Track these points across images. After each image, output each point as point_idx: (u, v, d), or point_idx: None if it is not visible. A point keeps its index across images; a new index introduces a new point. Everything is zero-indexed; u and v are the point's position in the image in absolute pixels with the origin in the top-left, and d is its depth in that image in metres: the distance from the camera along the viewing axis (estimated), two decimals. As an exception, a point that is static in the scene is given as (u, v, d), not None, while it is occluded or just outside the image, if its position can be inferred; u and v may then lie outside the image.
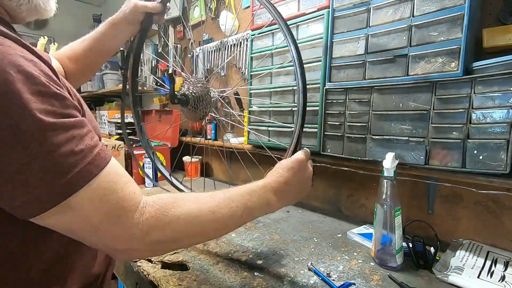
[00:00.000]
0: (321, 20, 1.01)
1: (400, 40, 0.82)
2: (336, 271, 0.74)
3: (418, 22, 0.78)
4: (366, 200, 1.10)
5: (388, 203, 0.75)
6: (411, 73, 0.80)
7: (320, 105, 1.02)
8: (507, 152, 0.66)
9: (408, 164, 0.83)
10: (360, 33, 0.90)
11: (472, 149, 0.71)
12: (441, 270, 0.72)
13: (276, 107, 1.19)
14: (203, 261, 0.78)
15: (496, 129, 0.68)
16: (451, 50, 0.73)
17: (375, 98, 0.88)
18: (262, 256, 0.81)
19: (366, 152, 0.91)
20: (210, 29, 1.81)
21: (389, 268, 0.75)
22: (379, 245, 0.77)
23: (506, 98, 0.66)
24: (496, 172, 0.69)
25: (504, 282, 0.67)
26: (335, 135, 0.99)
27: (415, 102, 0.80)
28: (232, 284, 0.68)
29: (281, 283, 0.68)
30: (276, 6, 1.17)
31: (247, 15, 1.52)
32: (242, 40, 1.55)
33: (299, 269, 0.75)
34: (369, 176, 1.01)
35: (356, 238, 0.92)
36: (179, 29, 2.07)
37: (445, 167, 0.76)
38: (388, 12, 0.84)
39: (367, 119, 0.90)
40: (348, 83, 0.94)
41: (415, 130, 0.80)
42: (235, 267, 0.75)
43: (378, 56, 0.86)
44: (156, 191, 1.50)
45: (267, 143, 1.20)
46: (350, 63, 0.93)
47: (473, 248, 0.81)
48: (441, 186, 0.90)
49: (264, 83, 1.24)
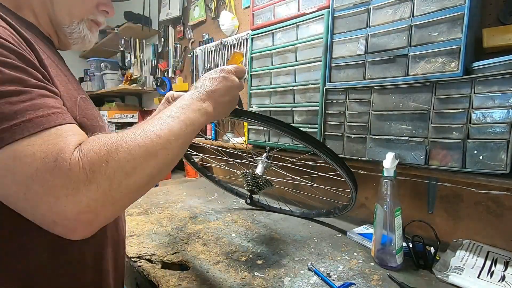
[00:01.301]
0: (321, 20, 1.01)
1: (400, 40, 0.82)
2: (336, 271, 0.74)
3: (418, 22, 0.78)
4: (366, 200, 1.10)
5: (388, 203, 0.75)
6: (411, 73, 0.80)
7: (320, 105, 1.02)
8: (507, 152, 0.66)
9: (408, 164, 0.83)
10: (360, 33, 0.90)
11: (472, 149, 0.71)
12: (441, 270, 0.72)
13: (276, 107, 1.19)
14: (203, 261, 0.78)
15: (496, 129, 0.68)
16: (451, 50, 0.73)
17: (375, 98, 0.88)
18: (262, 256, 0.81)
19: (366, 152, 0.91)
20: (210, 29, 1.81)
21: (389, 268, 0.75)
22: (379, 245, 0.77)
23: (506, 98, 0.66)
24: (496, 172, 0.69)
25: (504, 282, 0.67)
26: (335, 135, 0.99)
27: (415, 102, 0.80)
28: (232, 284, 0.68)
29: (281, 283, 0.68)
30: (276, 6, 1.18)
31: (247, 15, 1.52)
32: (242, 40, 1.55)
33: (299, 269, 0.75)
34: (369, 176, 1.01)
35: (356, 238, 0.92)
36: (179, 29, 2.07)
37: (445, 167, 0.76)
38: (388, 12, 0.84)
39: (367, 119, 0.90)
40: (348, 83, 0.94)
41: (415, 130, 0.80)
42: (235, 267, 0.75)
43: (378, 56, 0.86)
44: (155, 190, 1.50)
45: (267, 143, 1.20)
46: (350, 63, 0.93)
47: (473, 248, 0.81)
48: (441, 186, 0.90)
49: (264, 83, 1.24)
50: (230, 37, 1.62)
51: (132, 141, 0.38)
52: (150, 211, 1.17)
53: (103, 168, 0.34)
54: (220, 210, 1.20)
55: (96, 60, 2.72)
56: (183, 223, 1.05)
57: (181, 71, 2.12)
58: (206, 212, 1.17)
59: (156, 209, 1.19)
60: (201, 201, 1.32)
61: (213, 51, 1.76)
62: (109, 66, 2.68)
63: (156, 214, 1.13)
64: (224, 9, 1.65)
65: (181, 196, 1.41)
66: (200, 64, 1.86)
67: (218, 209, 1.21)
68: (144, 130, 0.40)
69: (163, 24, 2.22)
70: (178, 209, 1.20)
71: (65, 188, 0.32)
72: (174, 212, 1.16)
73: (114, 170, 0.35)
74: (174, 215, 1.13)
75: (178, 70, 2.13)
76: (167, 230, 0.98)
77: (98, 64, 2.70)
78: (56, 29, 0.52)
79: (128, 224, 1.02)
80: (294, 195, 1.20)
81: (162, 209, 1.19)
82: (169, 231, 0.97)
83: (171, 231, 0.97)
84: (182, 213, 1.15)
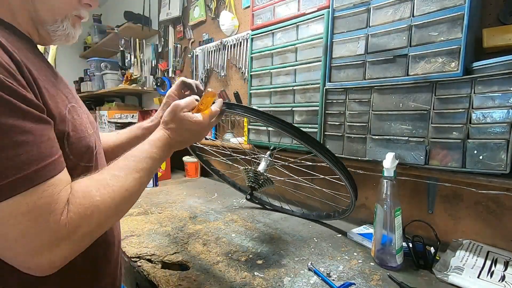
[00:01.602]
0: (321, 20, 1.01)
1: (400, 40, 0.82)
2: (336, 271, 0.74)
3: (418, 22, 0.78)
4: (366, 200, 1.10)
5: (388, 203, 0.75)
6: (411, 73, 0.80)
7: (320, 105, 1.02)
8: (507, 152, 0.66)
9: (408, 164, 0.83)
10: (360, 33, 0.90)
11: (472, 149, 0.71)
12: (441, 270, 0.72)
13: (276, 107, 1.19)
14: (203, 261, 0.78)
15: (496, 129, 0.68)
16: (451, 50, 0.73)
17: (375, 98, 0.88)
18: (262, 256, 0.81)
19: (366, 152, 0.91)
20: (210, 29, 1.81)
21: (389, 268, 0.75)
22: (379, 245, 0.77)
23: (506, 98, 0.66)
24: (496, 172, 0.69)
25: (504, 282, 0.67)
26: (335, 135, 0.99)
27: (415, 102, 0.80)
28: (232, 284, 0.68)
29: (281, 283, 0.68)
30: (276, 6, 1.18)
31: (247, 15, 1.52)
32: (242, 40, 1.55)
33: (299, 269, 0.75)
34: (369, 176, 1.01)
35: (356, 238, 0.92)
36: (179, 29, 2.07)
37: (445, 167, 0.76)
38: (388, 12, 0.84)
39: (367, 119, 0.90)
40: (348, 83, 0.94)
41: (415, 130, 0.80)
42: (235, 267, 0.75)
43: (378, 56, 0.86)
44: (155, 190, 1.50)
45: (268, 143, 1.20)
46: (350, 63, 0.93)
47: (473, 248, 0.81)
48: (441, 186, 0.90)
49: (264, 83, 1.24)
50: (230, 37, 1.62)
51: (111, 202, 0.44)
52: (150, 211, 1.17)
53: (85, 228, 0.40)
54: (220, 210, 1.20)
55: (96, 60, 2.72)
56: (183, 223, 1.05)
57: (181, 71, 2.12)
58: (206, 212, 1.17)
59: (156, 209, 1.19)
60: (201, 201, 1.32)
61: (213, 51, 1.76)
62: (109, 66, 2.68)
63: (156, 214, 1.13)
64: (224, 9, 1.65)
65: (181, 196, 1.41)
66: (200, 64, 1.86)
67: (218, 209, 1.21)
68: (120, 187, 0.46)
69: (163, 24, 2.22)
70: (178, 209, 1.20)
71: (50, 244, 0.37)
72: (174, 212, 1.16)
73: (91, 228, 0.41)
74: (174, 215, 1.13)
75: (178, 70, 2.13)
76: (167, 230, 0.98)
77: (98, 64, 2.70)
78: (37, 27, 0.49)
79: (128, 224, 1.02)
80: (294, 195, 1.20)
81: (162, 209, 1.19)
82: (169, 231, 0.97)
83: (171, 231, 0.97)
84: (182, 213, 1.15)
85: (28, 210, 0.35)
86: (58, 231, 0.37)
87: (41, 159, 0.37)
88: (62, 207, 0.38)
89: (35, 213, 0.36)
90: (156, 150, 0.54)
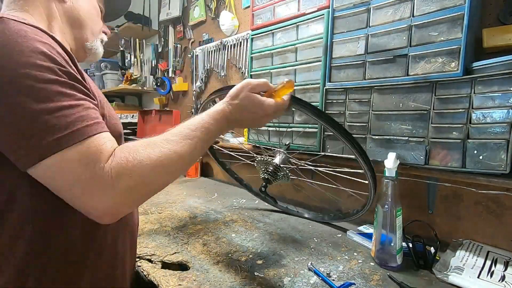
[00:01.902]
0: (321, 20, 1.01)
1: (400, 40, 0.82)
2: (336, 271, 0.74)
3: (418, 22, 0.78)
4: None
5: (389, 204, 0.75)
6: (411, 73, 0.80)
7: (320, 105, 1.02)
8: (507, 152, 0.66)
9: (408, 164, 0.83)
10: (360, 33, 0.90)
11: (472, 149, 0.71)
12: (441, 270, 0.72)
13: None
14: (203, 261, 0.78)
15: (496, 129, 0.68)
16: (451, 50, 0.73)
17: (375, 98, 0.88)
18: (262, 256, 0.81)
19: (366, 152, 0.90)
20: (210, 29, 1.81)
21: (389, 268, 0.75)
22: (379, 245, 0.77)
23: (506, 98, 0.66)
24: (496, 172, 0.69)
25: (504, 282, 0.67)
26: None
27: (415, 102, 0.80)
28: (232, 284, 0.68)
29: (281, 283, 0.68)
30: (276, 6, 1.18)
31: (247, 15, 1.52)
32: (242, 40, 1.55)
33: (299, 269, 0.75)
34: (369, 176, 1.00)
35: (356, 238, 0.92)
36: (179, 29, 2.07)
37: (445, 167, 0.76)
38: (388, 12, 0.84)
39: (367, 119, 0.90)
40: (348, 83, 0.94)
41: (415, 130, 0.80)
42: (235, 267, 0.75)
43: (378, 56, 0.86)
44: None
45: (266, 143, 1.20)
46: (350, 63, 0.93)
47: (473, 248, 0.81)
48: (441, 186, 0.90)
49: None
50: (230, 37, 1.62)
51: (156, 159, 0.46)
52: (150, 211, 1.17)
53: (126, 179, 0.44)
54: (220, 210, 1.20)
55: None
56: (183, 223, 1.05)
57: (181, 71, 2.12)
58: (206, 212, 1.17)
59: (156, 209, 1.19)
60: (201, 201, 1.32)
61: (213, 51, 1.76)
62: (109, 66, 2.68)
63: (156, 214, 1.13)
64: (224, 9, 1.65)
65: (181, 196, 1.41)
66: (200, 64, 1.86)
67: (218, 209, 1.21)
68: (169, 150, 0.48)
69: (163, 24, 2.22)
70: (178, 209, 1.20)
71: (97, 190, 0.43)
72: (174, 212, 1.16)
73: (135, 181, 0.44)
74: (174, 215, 1.13)
75: (178, 70, 2.13)
76: (167, 230, 0.98)
77: (98, 64, 2.70)
78: (77, 46, 0.64)
79: (128, 224, 1.02)
80: (308, 196, 1.20)
81: (162, 209, 1.19)
82: (169, 231, 0.97)
83: (171, 231, 0.97)
84: (182, 213, 1.15)
85: (79, 158, 0.42)
86: (102, 178, 0.42)
87: (90, 119, 0.45)
88: (107, 157, 0.44)
89: (84, 161, 0.42)
90: (213, 122, 0.55)
